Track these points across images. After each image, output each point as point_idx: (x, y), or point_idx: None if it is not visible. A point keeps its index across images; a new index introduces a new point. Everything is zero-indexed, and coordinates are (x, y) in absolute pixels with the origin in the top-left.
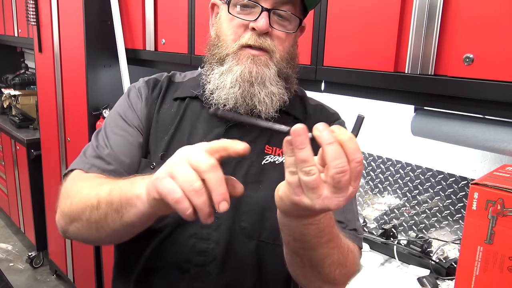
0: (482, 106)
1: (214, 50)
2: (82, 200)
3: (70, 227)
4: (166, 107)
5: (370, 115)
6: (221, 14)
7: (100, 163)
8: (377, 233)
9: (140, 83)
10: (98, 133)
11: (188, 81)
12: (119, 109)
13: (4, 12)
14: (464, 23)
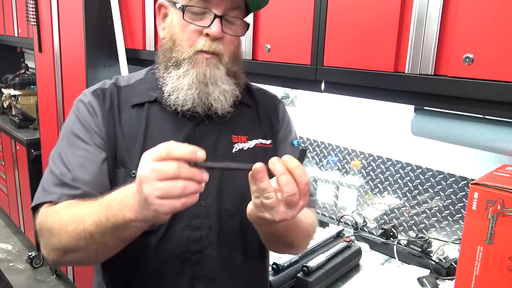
0: (482, 106)
1: (170, 54)
2: (72, 236)
3: (65, 258)
4: (126, 117)
5: (370, 115)
6: (172, 18)
7: (68, 191)
8: (377, 233)
9: (88, 96)
10: (55, 158)
11: (137, 84)
12: (73, 129)
13: (4, 12)
14: (464, 23)
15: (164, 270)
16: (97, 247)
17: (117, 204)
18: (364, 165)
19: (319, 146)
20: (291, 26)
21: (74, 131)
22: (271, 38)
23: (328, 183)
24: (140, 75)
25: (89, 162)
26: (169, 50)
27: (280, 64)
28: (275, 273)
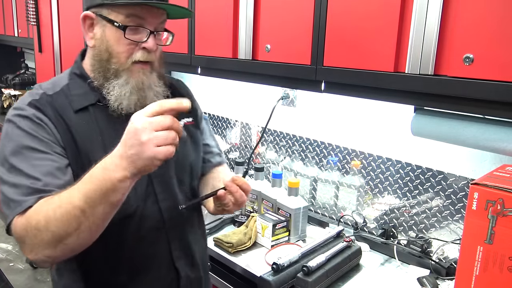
0: (482, 106)
1: (108, 64)
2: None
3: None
4: (74, 122)
5: (370, 115)
6: (105, 31)
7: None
8: (377, 233)
9: (28, 110)
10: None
11: (67, 90)
12: (23, 143)
13: (4, 12)
14: (464, 23)
15: (145, 244)
16: (89, 223)
17: (101, 171)
18: (364, 165)
19: (319, 146)
20: (291, 26)
21: (26, 144)
22: (271, 38)
23: (328, 183)
24: (63, 81)
25: (55, 169)
26: (105, 61)
27: (280, 64)
28: (275, 273)
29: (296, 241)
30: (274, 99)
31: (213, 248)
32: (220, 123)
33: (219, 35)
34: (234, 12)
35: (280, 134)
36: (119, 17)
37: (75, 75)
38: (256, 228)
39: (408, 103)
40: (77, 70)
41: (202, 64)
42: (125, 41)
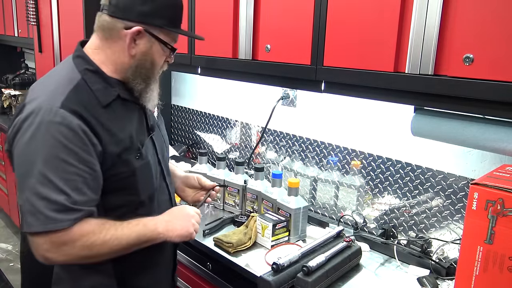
0: (482, 106)
1: (149, 73)
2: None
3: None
4: (106, 116)
5: (370, 115)
6: (152, 47)
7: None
8: (377, 233)
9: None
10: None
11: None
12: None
13: (4, 12)
14: (464, 23)
15: None
16: (122, 253)
17: (152, 225)
18: (364, 165)
19: (319, 146)
20: (291, 26)
21: (61, 156)
22: (271, 38)
23: (328, 183)
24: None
25: (83, 184)
26: (148, 69)
27: (280, 64)
28: (275, 273)
29: (296, 241)
30: (274, 99)
31: (213, 248)
32: (220, 123)
33: (219, 35)
34: (234, 12)
35: (280, 134)
36: (168, 39)
37: (88, 70)
38: (256, 228)
39: (408, 103)
40: (89, 66)
41: (202, 64)
42: (163, 58)
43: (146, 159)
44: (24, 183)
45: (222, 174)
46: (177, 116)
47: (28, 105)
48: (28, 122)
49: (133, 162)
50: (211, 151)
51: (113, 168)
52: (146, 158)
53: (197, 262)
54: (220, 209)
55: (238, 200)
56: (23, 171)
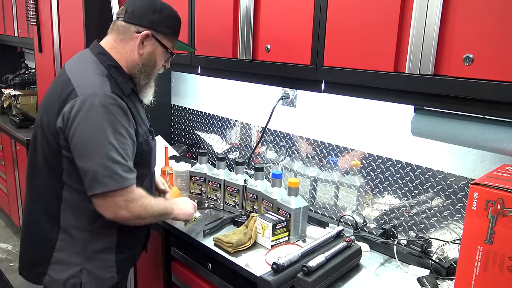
0: (482, 106)
1: (150, 70)
2: (153, 216)
3: (135, 222)
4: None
5: (370, 115)
6: (156, 50)
7: (133, 175)
8: (377, 233)
9: (115, 99)
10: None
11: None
12: (116, 131)
13: (4, 12)
14: (464, 23)
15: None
16: (152, 221)
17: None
18: (364, 165)
19: (319, 146)
20: (291, 26)
21: (119, 130)
22: (271, 38)
23: (328, 183)
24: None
25: (131, 153)
26: (151, 68)
27: (280, 64)
28: (275, 273)
29: (296, 241)
30: (274, 99)
31: (213, 248)
32: (220, 123)
33: (219, 35)
34: (234, 12)
35: (280, 134)
36: (169, 45)
37: (111, 66)
38: (256, 228)
39: (408, 103)
40: (111, 62)
41: (202, 64)
42: (163, 60)
43: (155, 140)
44: (96, 152)
45: (222, 174)
46: (177, 116)
47: (78, 90)
48: (88, 103)
49: (150, 142)
50: (211, 151)
51: (141, 145)
52: (155, 139)
53: (197, 262)
54: (220, 209)
55: (238, 200)
56: (94, 142)
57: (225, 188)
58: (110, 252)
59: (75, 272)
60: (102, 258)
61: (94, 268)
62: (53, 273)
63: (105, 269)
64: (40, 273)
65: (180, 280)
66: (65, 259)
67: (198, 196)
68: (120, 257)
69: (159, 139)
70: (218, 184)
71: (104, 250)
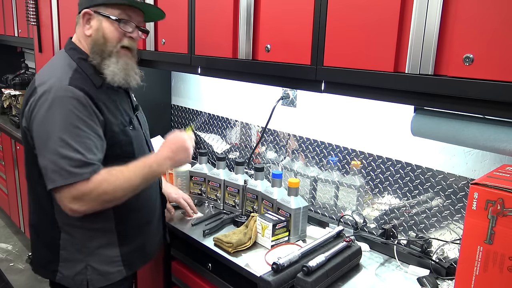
0: (482, 106)
1: (100, 47)
2: (126, 190)
3: (104, 206)
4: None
5: (370, 115)
6: (102, 24)
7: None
8: (377, 233)
9: (72, 92)
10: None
11: (84, 70)
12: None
13: (4, 12)
14: (464, 23)
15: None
16: (135, 192)
17: (156, 166)
18: (364, 165)
19: (319, 146)
20: (291, 26)
21: (75, 124)
22: (271, 38)
23: (328, 183)
24: (72, 63)
25: (93, 147)
26: (102, 44)
27: (280, 64)
28: (275, 273)
29: (296, 241)
30: (274, 99)
31: (213, 248)
32: (220, 123)
33: (219, 35)
34: (234, 12)
35: (280, 134)
36: (113, 14)
37: (81, 59)
38: (256, 228)
39: (408, 103)
40: (81, 55)
41: (202, 64)
42: (118, 31)
43: (138, 130)
44: (46, 147)
45: (222, 174)
46: (177, 116)
47: (39, 88)
48: (43, 99)
49: (129, 131)
50: (211, 151)
51: (116, 137)
52: (138, 129)
53: (197, 262)
54: (220, 209)
55: (238, 200)
56: (45, 138)
57: (225, 188)
58: (112, 247)
59: (80, 269)
60: (105, 254)
61: (98, 264)
62: (63, 270)
63: (110, 264)
64: (54, 270)
65: (180, 280)
66: (70, 257)
67: (198, 196)
68: (125, 250)
69: (159, 139)
70: (218, 184)
71: (105, 245)
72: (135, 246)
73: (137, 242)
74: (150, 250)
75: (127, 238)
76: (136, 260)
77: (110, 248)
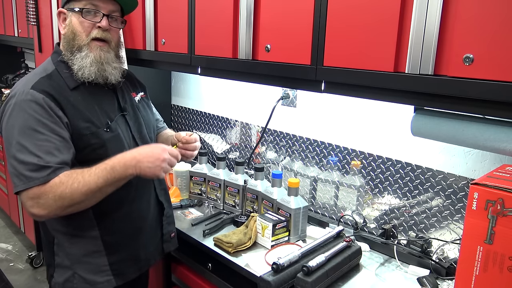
0: (482, 106)
1: (73, 42)
2: (85, 194)
3: (65, 212)
4: (73, 97)
5: (370, 115)
6: (71, 19)
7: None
8: (377, 233)
9: (33, 95)
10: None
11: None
12: (28, 128)
13: (4, 12)
14: (464, 23)
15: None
16: (100, 196)
17: (121, 167)
18: (364, 165)
19: (319, 146)
20: (291, 26)
21: (32, 127)
22: (271, 38)
23: (328, 183)
24: (50, 66)
25: (54, 149)
26: (71, 39)
27: (280, 64)
28: (275, 273)
29: (296, 241)
30: (274, 99)
31: (213, 248)
32: (220, 123)
33: (219, 35)
34: (234, 12)
35: (280, 134)
36: (79, 5)
37: (60, 62)
38: (256, 228)
39: (408, 103)
40: (61, 57)
41: (202, 64)
42: (86, 23)
43: (116, 132)
44: (8, 152)
45: (222, 174)
46: (177, 116)
47: (9, 95)
48: (8, 105)
49: (102, 134)
50: (211, 151)
51: (85, 139)
52: (116, 131)
53: (197, 262)
54: (220, 209)
55: (238, 200)
56: (6, 143)
57: (225, 188)
58: (99, 255)
59: (68, 276)
60: (92, 262)
61: (85, 272)
62: (56, 276)
63: (98, 273)
64: (51, 275)
65: (180, 280)
66: (61, 263)
67: (198, 196)
68: (114, 258)
69: None
70: (218, 184)
71: (92, 253)
72: (126, 254)
73: (128, 250)
74: (146, 257)
75: (115, 246)
76: (129, 268)
77: (97, 256)
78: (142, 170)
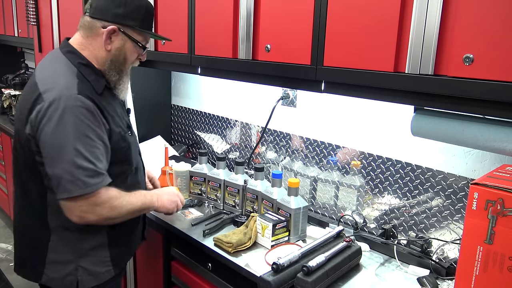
0: (482, 106)
1: (121, 66)
2: (129, 212)
3: (105, 222)
4: (102, 102)
5: (370, 115)
6: (125, 43)
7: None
8: (377, 233)
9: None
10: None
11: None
12: (82, 134)
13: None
14: (464, 23)
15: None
16: (132, 217)
17: (151, 196)
18: (364, 165)
19: (319, 146)
20: (291, 26)
21: (85, 133)
22: (271, 38)
23: (328, 183)
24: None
25: (101, 155)
26: (121, 63)
27: (280, 64)
28: (275, 273)
29: (296, 241)
30: (274, 99)
31: (213, 248)
32: (220, 123)
33: (219, 35)
34: (234, 12)
35: (280, 134)
36: (139, 38)
37: (81, 64)
38: (256, 228)
39: (408, 103)
40: (81, 60)
41: (202, 64)
42: (136, 54)
43: (134, 136)
44: (60, 157)
45: (222, 174)
46: (177, 116)
47: (45, 95)
48: (53, 108)
49: (128, 137)
50: (211, 151)
51: (118, 143)
52: (134, 134)
53: (197, 262)
54: (220, 209)
55: (238, 200)
56: (57, 147)
57: (225, 188)
58: (103, 248)
59: (70, 270)
60: (96, 255)
61: (89, 264)
62: (50, 273)
63: (100, 264)
64: (39, 272)
65: (180, 280)
66: (60, 259)
67: (198, 196)
68: (115, 251)
69: (159, 139)
70: (218, 184)
71: (97, 247)
72: (123, 247)
73: (125, 243)
74: (134, 247)
75: (117, 240)
76: (124, 259)
77: (101, 249)
78: (164, 204)
